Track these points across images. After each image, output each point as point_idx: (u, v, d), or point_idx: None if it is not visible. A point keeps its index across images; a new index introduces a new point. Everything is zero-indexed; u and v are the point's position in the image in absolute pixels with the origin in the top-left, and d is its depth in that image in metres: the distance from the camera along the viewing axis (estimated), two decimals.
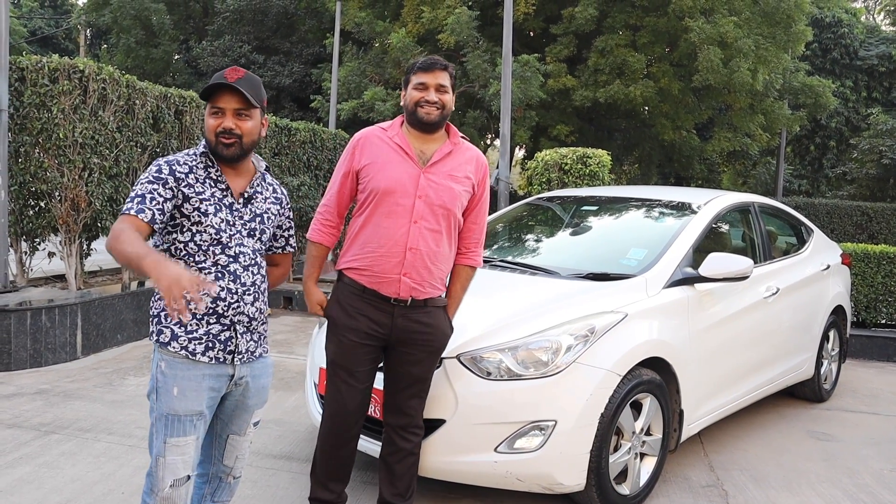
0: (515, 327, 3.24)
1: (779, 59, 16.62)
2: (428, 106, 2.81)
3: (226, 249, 2.32)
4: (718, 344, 3.99)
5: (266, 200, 2.47)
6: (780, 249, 5.33)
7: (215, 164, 2.35)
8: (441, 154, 2.89)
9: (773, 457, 4.31)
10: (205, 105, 2.38)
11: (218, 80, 2.29)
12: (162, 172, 2.27)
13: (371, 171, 2.85)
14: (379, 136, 2.92)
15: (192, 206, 2.28)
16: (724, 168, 27.25)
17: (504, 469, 3.07)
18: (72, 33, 34.27)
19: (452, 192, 2.87)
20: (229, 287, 2.31)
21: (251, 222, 2.40)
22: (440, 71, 2.83)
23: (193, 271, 2.22)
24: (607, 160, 8.35)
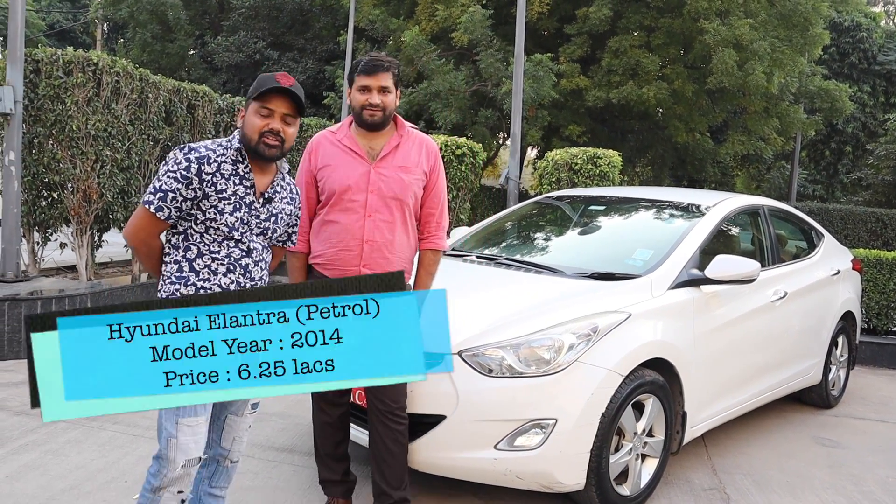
0: (518, 325, 3.23)
1: (795, 62, 16.50)
2: (371, 108, 2.91)
3: (239, 244, 2.39)
4: (723, 346, 3.97)
5: (283, 200, 2.52)
6: (790, 253, 5.29)
7: (245, 161, 2.38)
8: (389, 148, 3.01)
9: (777, 461, 4.28)
10: (240, 102, 2.42)
11: (272, 84, 2.33)
12: (190, 171, 2.29)
13: (326, 173, 2.99)
14: (329, 139, 3.05)
15: (209, 204, 2.32)
16: (738, 172, 27.10)
17: (504, 466, 3.07)
18: (89, 27, 34.49)
19: (403, 182, 2.99)
20: (239, 281, 2.38)
21: (266, 221, 2.45)
22: (383, 73, 2.90)
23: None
24: (618, 161, 8.33)
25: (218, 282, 2.35)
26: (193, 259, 2.34)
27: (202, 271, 2.34)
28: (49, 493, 3.27)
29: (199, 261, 2.35)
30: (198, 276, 2.34)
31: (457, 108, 16.94)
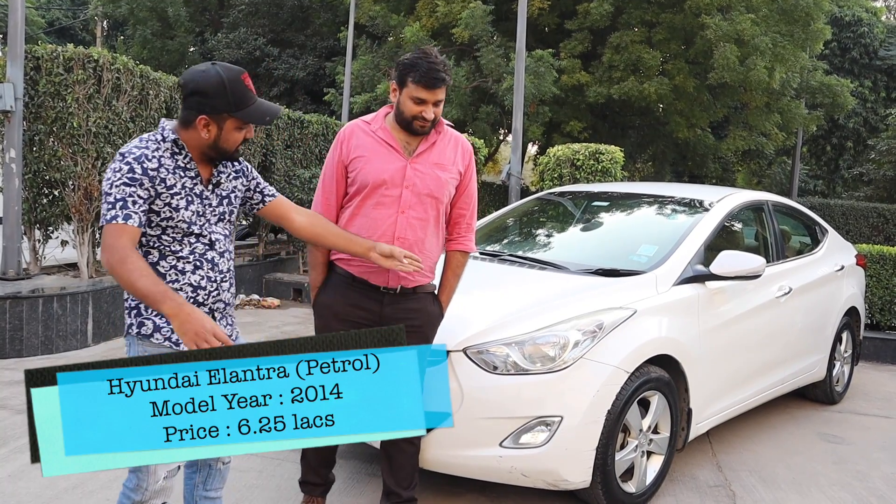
0: (523, 322, 3.22)
1: (796, 57, 16.46)
2: (423, 122, 2.80)
3: (200, 238, 2.30)
4: (729, 343, 3.95)
5: (229, 177, 2.41)
6: (794, 249, 5.27)
7: (184, 151, 2.26)
8: (427, 144, 2.89)
9: (782, 458, 4.27)
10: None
11: (254, 101, 2.24)
12: (135, 173, 2.16)
13: (359, 164, 2.86)
14: (363, 129, 2.91)
15: (163, 202, 2.21)
16: (739, 167, 27.06)
17: (509, 464, 3.06)
18: (89, 24, 34.46)
19: (439, 180, 2.89)
20: (209, 275, 2.31)
21: (220, 206, 2.36)
22: (441, 87, 2.77)
23: (210, 319, 2.13)
24: (620, 156, 8.31)
25: (188, 280, 2.27)
26: (156, 262, 2.25)
27: (168, 273, 2.25)
28: (53, 491, 3.26)
29: (163, 262, 2.25)
30: (164, 278, 2.23)
31: (458, 105, 16.91)
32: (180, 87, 2.30)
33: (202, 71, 2.22)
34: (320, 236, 2.60)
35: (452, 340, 3.17)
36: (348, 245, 2.64)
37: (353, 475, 3.64)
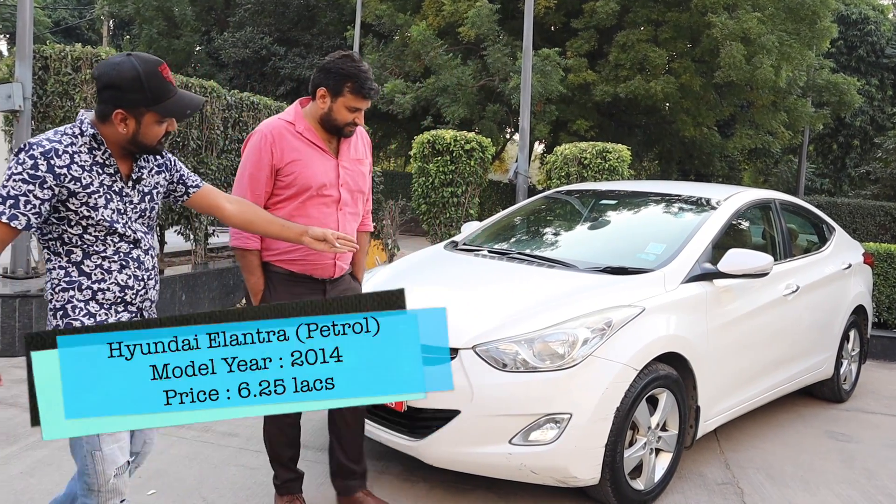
0: (532, 319, 3.23)
1: (803, 56, 16.45)
2: (354, 126, 2.94)
3: (124, 238, 2.21)
4: (736, 341, 3.95)
5: (151, 172, 2.31)
6: (801, 247, 5.27)
7: (103, 147, 2.16)
8: (348, 142, 3.02)
9: (790, 456, 4.27)
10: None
11: (174, 93, 2.17)
12: (39, 169, 2.03)
13: (296, 168, 2.88)
14: (289, 129, 2.91)
15: (79, 202, 2.10)
16: (746, 166, 27.03)
17: (518, 461, 3.07)
18: (95, 24, 34.56)
19: (363, 175, 3.09)
20: (135, 274, 2.24)
21: (140, 203, 2.27)
22: (373, 98, 2.95)
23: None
24: (627, 155, 8.31)
25: (114, 280, 2.19)
26: (80, 262, 2.15)
27: (94, 272, 2.16)
28: (60, 490, 3.28)
29: (88, 262, 2.16)
30: (90, 278, 2.16)
31: (464, 103, 16.93)
32: (94, 80, 2.21)
33: (116, 63, 2.11)
34: (252, 223, 2.55)
35: (462, 338, 3.18)
36: (281, 231, 2.61)
37: None
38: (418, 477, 3.61)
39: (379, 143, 26.23)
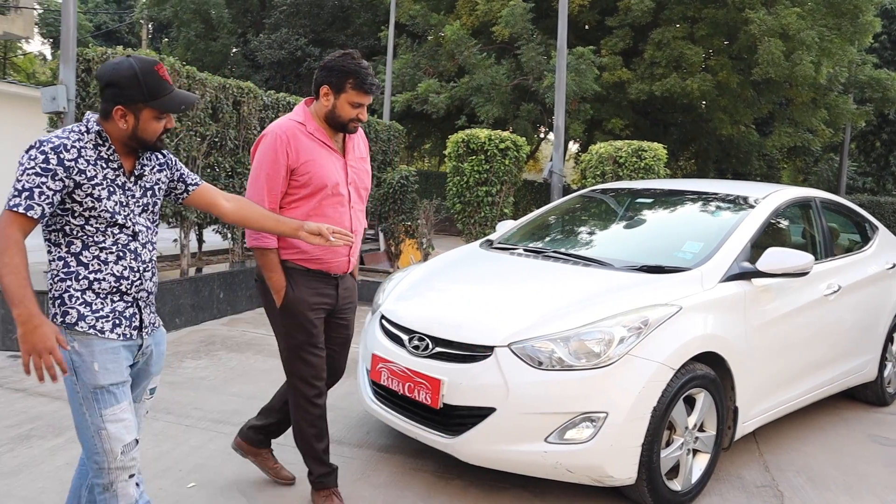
0: (568, 317, 3.22)
1: (844, 51, 16.11)
2: (357, 123, 3.03)
3: (123, 229, 2.31)
4: (776, 341, 3.89)
5: (153, 170, 2.43)
6: (843, 247, 5.17)
7: (107, 143, 2.28)
8: (352, 142, 3.15)
9: (831, 459, 4.19)
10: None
11: (170, 90, 2.27)
12: (49, 163, 2.16)
13: (311, 168, 2.96)
14: (301, 130, 2.98)
15: (84, 193, 2.22)
16: (784, 164, 26.56)
17: (554, 459, 3.06)
18: (134, 28, 35.23)
19: (368, 173, 3.23)
20: (132, 265, 2.32)
21: (143, 198, 2.38)
22: (374, 95, 3.04)
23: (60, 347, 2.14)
24: (663, 154, 8.22)
25: (110, 270, 2.28)
26: (79, 252, 2.26)
27: (91, 263, 2.26)
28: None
29: (86, 252, 2.26)
30: (87, 268, 2.26)
31: (498, 103, 16.92)
32: (97, 80, 2.32)
33: (116, 63, 2.26)
34: (249, 219, 2.67)
35: (498, 336, 3.19)
36: (277, 226, 2.72)
37: (399, 469, 3.68)
38: (453, 474, 3.62)
39: (413, 142, 26.32)
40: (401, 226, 9.52)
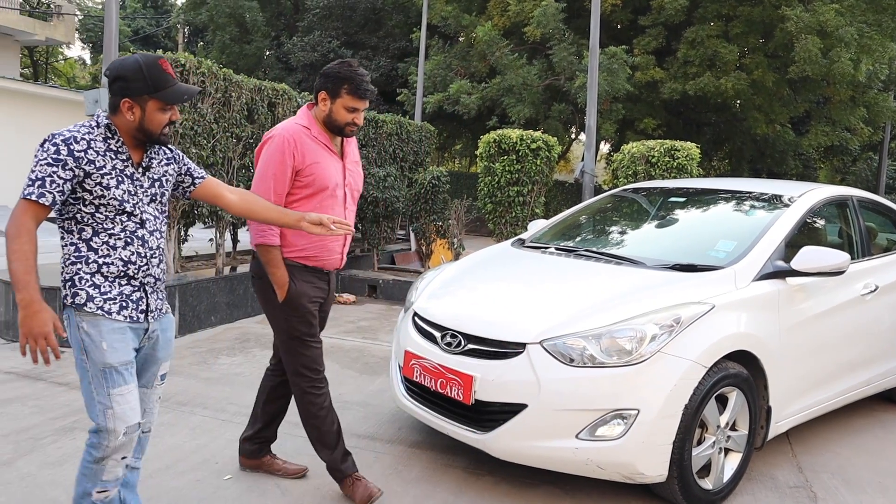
0: (599, 315, 3.23)
1: (885, 48, 15.80)
2: (354, 126, 3.17)
3: (131, 217, 2.44)
4: (810, 341, 3.86)
5: (161, 163, 2.57)
6: (881, 246, 5.09)
7: (116, 135, 2.43)
8: (349, 146, 3.32)
9: (867, 462, 4.14)
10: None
11: (173, 83, 2.42)
12: (60, 154, 2.31)
13: (316, 170, 3.11)
14: (306, 134, 3.12)
15: (94, 182, 2.36)
16: (821, 164, 26.10)
17: (585, 456, 3.08)
18: (171, 32, 35.83)
19: (361, 176, 3.41)
20: (139, 251, 2.45)
21: (151, 188, 2.51)
22: (370, 99, 3.18)
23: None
24: (696, 153, 8.16)
25: (119, 255, 2.42)
26: (89, 238, 2.40)
27: (100, 248, 2.40)
28: (146, 471, 3.43)
29: (96, 238, 2.40)
30: (97, 253, 2.40)
31: (530, 103, 16.90)
32: (105, 76, 2.48)
33: (123, 59, 2.43)
34: (253, 211, 2.81)
35: (530, 333, 3.22)
36: (280, 217, 2.86)
37: (431, 465, 3.72)
38: (484, 471, 3.66)
39: (444, 143, 26.38)
40: (432, 225, 9.57)
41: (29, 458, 3.56)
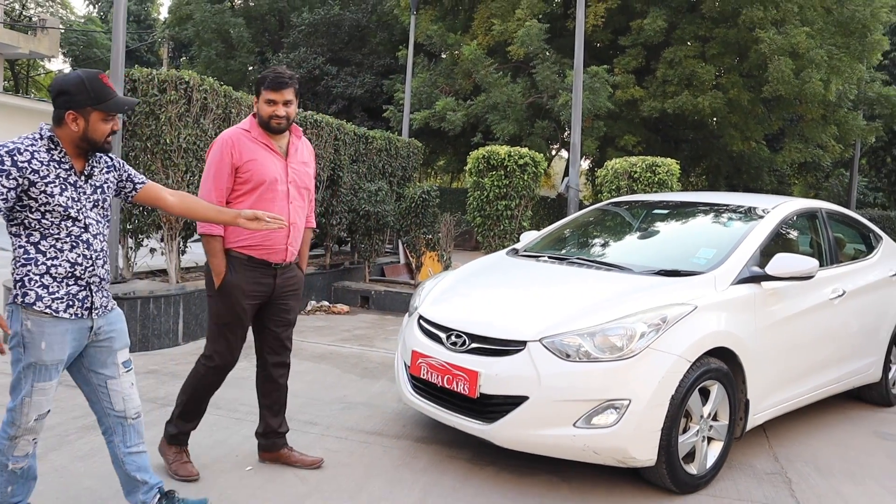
0: (593, 315, 3.55)
1: (853, 69, 16.41)
2: (278, 119, 3.44)
3: (76, 222, 2.66)
4: (784, 339, 4.19)
5: (102, 171, 2.77)
6: (848, 255, 5.46)
7: (59, 146, 2.63)
8: (294, 147, 3.60)
9: (837, 452, 4.47)
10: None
11: (113, 95, 2.66)
12: (4, 164, 2.50)
13: (253, 167, 3.43)
14: (246, 136, 3.47)
15: (38, 190, 2.56)
16: (795, 180, 26.77)
17: (582, 443, 3.38)
18: (154, 46, 35.95)
19: (309, 175, 3.68)
20: (84, 254, 2.68)
21: (93, 195, 2.72)
22: (286, 89, 3.43)
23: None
24: (676, 169, 8.55)
25: (66, 258, 2.64)
26: (37, 242, 2.61)
27: (48, 251, 2.61)
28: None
29: (44, 242, 2.61)
30: (45, 255, 2.61)
31: (514, 120, 17.27)
32: (49, 92, 2.79)
33: (66, 75, 2.68)
34: (192, 210, 3.06)
35: (530, 332, 3.53)
36: (218, 215, 3.11)
37: (436, 457, 3.99)
38: (486, 461, 3.94)
39: (427, 159, 26.70)
40: (422, 238, 9.87)
41: (59, 453, 3.79)
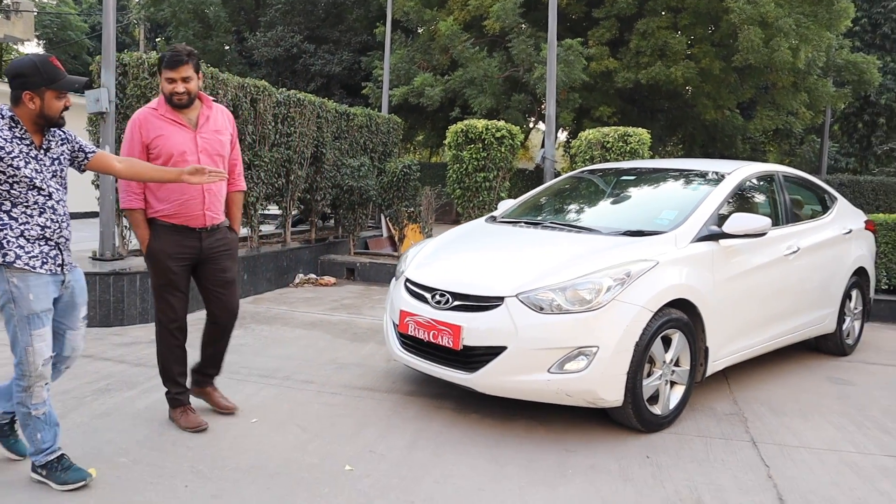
0: (564, 272, 3.91)
1: (821, 37, 16.78)
2: (178, 95, 3.70)
3: (40, 192, 3.02)
4: (741, 292, 4.57)
5: (58, 144, 3.13)
6: (805, 215, 5.85)
7: (19, 125, 2.99)
8: (203, 118, 3.83)
9: (791, 395, 4.89)
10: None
11: (63, 76, 2.99)
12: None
13: (160, 142, 3.71)
14: (153, 114, 3.75)
15: (5, 164, 2.91)
16: (769, 147, 27.27)
17: (556, 386, 3.75)
18: (128, 28, 35.60)
19: (221, 142, 3.89)
20: (51, 218, 3.07)
21: (52, 166, 3.08)
22: (183, 66, 3.68)
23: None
24: (647, 138, 8.90)
25: (36, 222, 3.01)
26: (9, 210, 2.97)
27: (20, 217, 2.98)
28: None
29: (15, 210, 2.98)
30: (17, 221, 2.98)
31: (491, 94, 17.53)
32: (6, 76, 3.15)
33: (20, 59, 3.00)
34: (139, 173, 3.39)
35: (507, 288, 3.88)
36: (163, 175, 3.42)
37: (424, 407, 4.35)
38: (470, 409, 4.31)
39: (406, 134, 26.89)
40: (404, 211, 10.19)
41: (78, 412, 4.10)
